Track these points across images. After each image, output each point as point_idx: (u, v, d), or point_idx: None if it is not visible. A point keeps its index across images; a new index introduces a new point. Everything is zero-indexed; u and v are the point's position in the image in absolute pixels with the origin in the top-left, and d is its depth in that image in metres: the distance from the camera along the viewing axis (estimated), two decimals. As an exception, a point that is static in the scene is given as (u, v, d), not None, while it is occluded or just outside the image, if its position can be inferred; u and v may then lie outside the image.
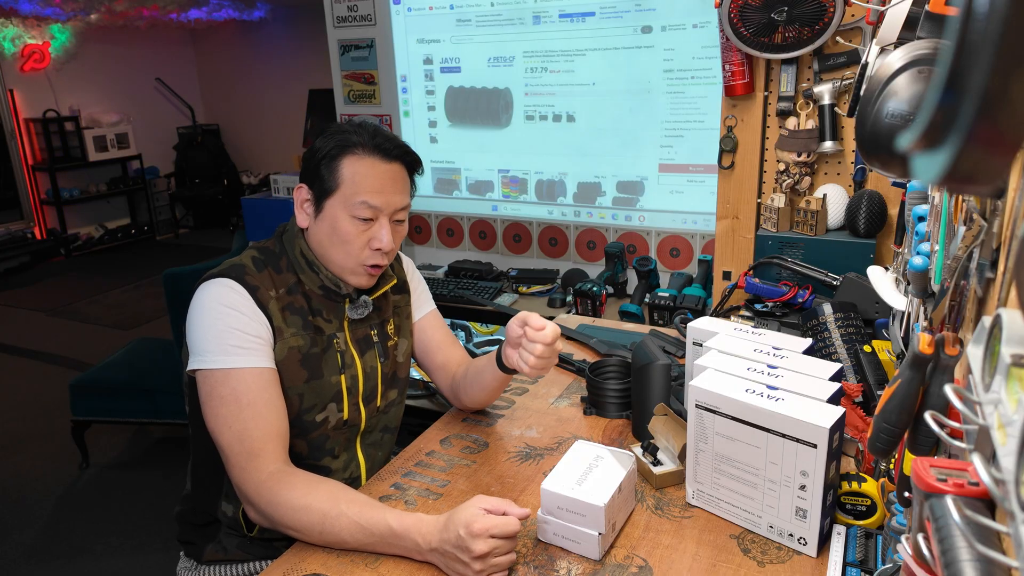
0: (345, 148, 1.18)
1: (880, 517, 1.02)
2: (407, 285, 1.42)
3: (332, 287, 1.23)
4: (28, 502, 2.79)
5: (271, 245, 1.26)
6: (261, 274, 1.19)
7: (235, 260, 1.21)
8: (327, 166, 1.18)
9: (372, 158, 1.19)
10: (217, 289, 1.15)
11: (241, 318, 1.14)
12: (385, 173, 1.20)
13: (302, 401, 1.21)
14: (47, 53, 6.27)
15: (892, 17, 0.95)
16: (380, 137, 1.21)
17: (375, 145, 1.19)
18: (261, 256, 1.22)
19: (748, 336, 1.22)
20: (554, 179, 2.73)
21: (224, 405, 1.11)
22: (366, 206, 1.18)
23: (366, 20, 2.84)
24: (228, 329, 1.13)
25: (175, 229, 7.32)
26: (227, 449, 1.12)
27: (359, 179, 1.18)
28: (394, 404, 1.37)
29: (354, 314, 1.27)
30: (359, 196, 1.18)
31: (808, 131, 1.81)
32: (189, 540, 1.31)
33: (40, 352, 4.36)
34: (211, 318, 1.13)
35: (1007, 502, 0.40)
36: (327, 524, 1.03)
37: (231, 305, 1.14)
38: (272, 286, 1.19)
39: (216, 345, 1.12)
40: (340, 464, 1.29)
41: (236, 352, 1.12)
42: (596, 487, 1.02)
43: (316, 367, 1.22)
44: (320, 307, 1.24)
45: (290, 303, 1.21)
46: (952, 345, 0.66)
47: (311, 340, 1.21)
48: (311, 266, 1.22)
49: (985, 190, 0.37)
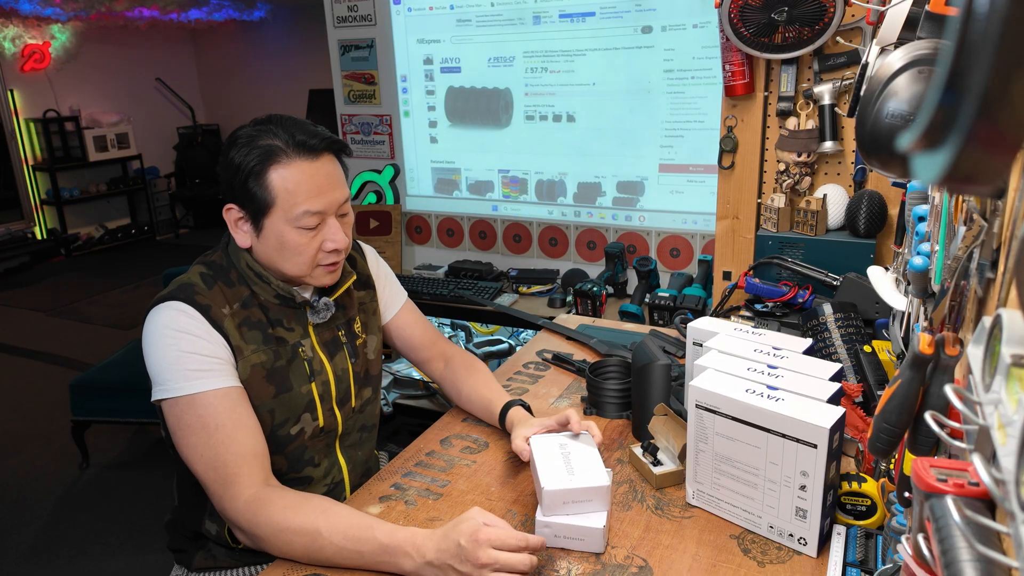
0: (268, 158, 1.09)
1: (880, 517, 1.02)
2: (371, 280, 1.37)
3: (287, 296, 1.18)
4: (28, 502, 2.79)
5: (218, 258, 1.19)
6: (212, 291, 1.13)
7: (183, 279, 1.15)
8: (255, 182, 1.10)
9: (300, 161, 1.10)
10: (167, 314, 1.10)
11: (197, 341, 1.08)
12: (318, 172, 1.12)
13: (274, 417, 1.16)
14: (47, 53, 6.27)
15: (892, 17, 0.95)
16: (300, 132, 1.11)
17: (297, 144, 1.10)
18: (210, 271, 1.16)
19: (748, 336, 1.22)
20: (554, 179, 2.73)
21: (192, 433, 1.07)
22: (309, 214, 1.11)
23: (366, 20, 2.84)
24: (184, 354, 1.07)
25: (175, 229, 7.32)
26: (203, 477, 1.08)
27: (293, 188, 1.10)
28: (370, 402, 1.34)
29: (317, 319, 1.22)
30: (299, 207, 1.10)
31: (808, 131, 1.81)
32: (179, 548, 1.30)
33: (40, 352, 4.36)
34: (165, 345, 1.08)
35: (1007, 502, 0.40)
36: (314, 547, 1.00)
37: (183, 329, 1.08)
38: (225, 302, 1.13)
39: (175, 372, 1.07)
40: (321, 472, 1.26)
41: (196, 376, 1.07)
42: (587, 470, 1.04)
43: (283, 380, 1.17)
44: (279, 316, 1.19)
45: (246, 318, 1.15)
46: (952, 345, 0.66)
47: (274, 353, 1.16)
48: (261, 277, 1.16)
49: (985, 190, 0.37)
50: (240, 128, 1.15)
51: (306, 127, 1.13)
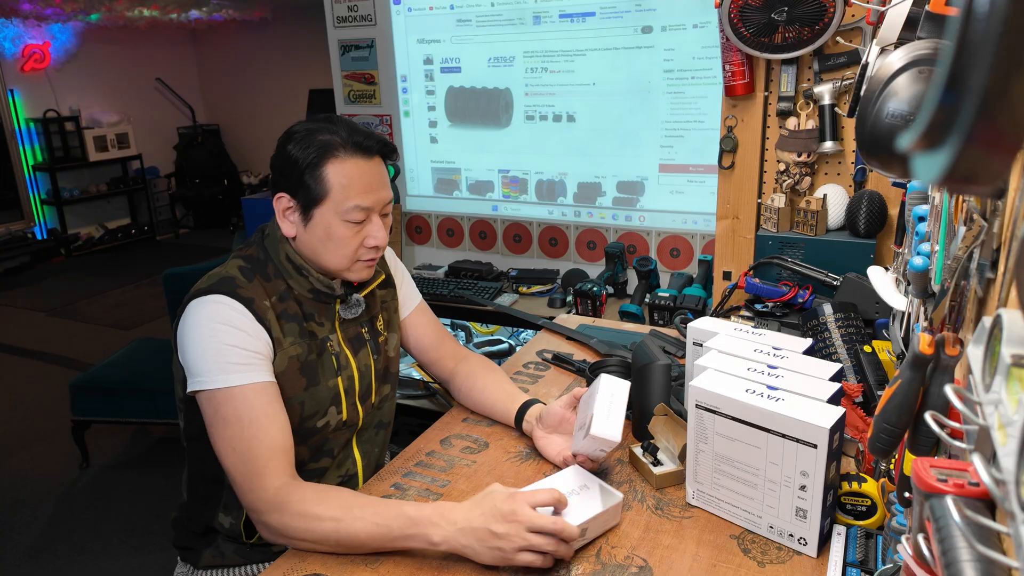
0: (326, 153, 1.14)
1: (880, 517, 1.02)
2: (392, 279, 1.41)
3: (324, 289, 1.22)
4: (28, 502, 2.79)
5: (255, 252, 1.22)
6: (252, 284, 1.16)
7: (222, 272, 1.17)
8: (311, 174, 1.14)
9: (355, 159, 1.16)
10: (211, 307, 1.12)
11: (238, 334, 1.11)
12: (370, 171, 1.18)
13: (303, 409, 1.20)
14: (47, 53, 6.27)
15: (892, 17, 0.95)
16: (357, 134, 1.17)
17: (355, 144, 1.16)
18: (248, 264, 1.19)
19: (748, 336, 1.22)
20: (554, 179, 2.73)
21: (228, 426, 1.09)
22: (359, 209, 1.16)
23: (366, 20, 2.84)
24: (226, 347, 1.10)
25: (175, 229, 7.32)
26: (232, 470, 1.10)
27: (348, 183, 1.15)
28: (387, 399, 1.37)
29: (347, 314, 1.26)
30: (351, 201, 1.15)
31: (808, 131, 1.81)
32: (186, 546, 1.30)
33: (40, 352, 4.36)
34: (207, 337, 1.11)
35: (1007, 502, 0.40)
36: (342, 528, 1.00)
37: (227, 322, 1.11)
38: (265, 295, 1.17)
39: (215, 364, 1.10)
40: (337, 463, 1.29)
41: (236, 369, 1.10)
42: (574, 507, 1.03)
43: (314, 373, 1.21)
44: (312, 311, 1.23)
45: (284, 310, 1.19)
46: (952, 345, 0.66)
47: (307, 347, 1.20)
48: (299, 270, 1.20)
49: (985, 190, 0.37)
50: (297, 124, 1.20)
51: (362, 129, 1.20)
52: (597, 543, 1.03)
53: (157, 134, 7.19)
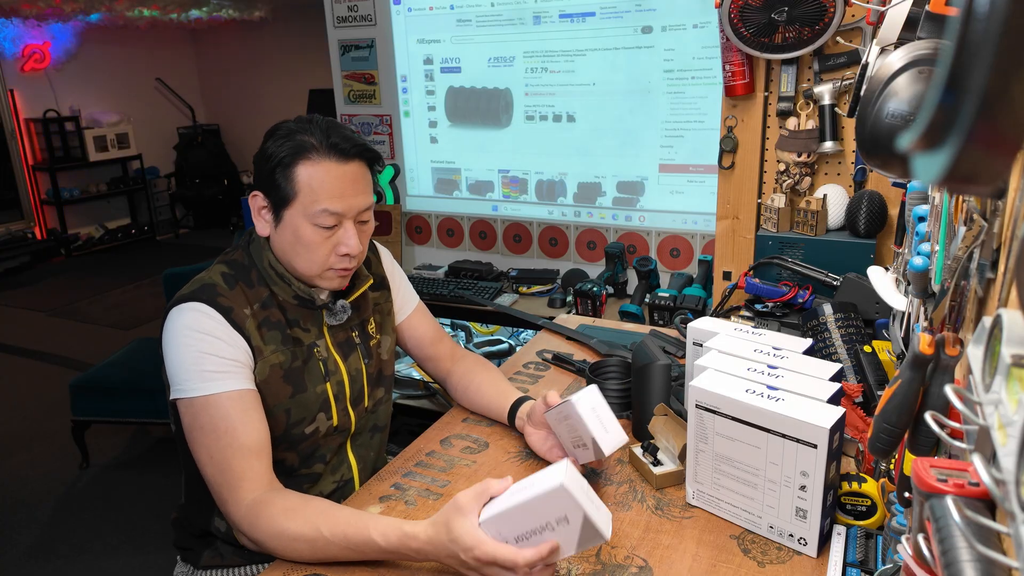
0: (299, 153, 1.11)
1: (880, 517, 1.02)
2: (386, 281, 1.39)
3: (306, 298, 1.19)
4: (28, 502, 2.79)
5: (239, 257, 1.20)
6: (233, 291, 1.14)
7: (204, 278, 1.15)
8: (282, 173, 1.12)
9: (328, 161, 1.12)
10: (189, 315, 1.11)
11: (216, 343, 1.10)
12: (344, 176, 1.13)
13: (290, 416, 1.18)
14: (47, 53, 6.27)
15: (892, 17, 0.95)
16: (335, 135, 1.13)
17: (330, 146, 1.12)
18: (231, 271, 1.17)
19: (748, 336, 1.22)
20: (554, 179, 2.73)
21: (205, 434, 1.09)
22: (327, 213, 1.12)
23: (366, 20, 2.84)
24: (203, 355, 1.09)
25: (175, 229, 7.32)
26: (210, 479, 1.10)
27: (317, 186, 1.11)
28: (382, 402, 1.36)
29: (333, 320, 1.24)
30: (319, 204, 1.11)
31: (808, 131, 1.81)
32: (186, 546, 1.30)
33: (40, 352, 4.36)
34: (185, 345, 1.09)
35: (1007, 502, 0.40)
36: (318, 550, 1.00)
37: (204, 331, 1.10)
38: (246, 303, 1.15)
39: (192, 373, 1.09)
40: (331, 469, 1.27)
41: (213, 378, 1.09)
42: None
43: (299, 380, 1.19)
44: (296, 317, 1.20)
45: (266, 318, 1.16)
46: (952, 345, 0.66)
47: (291, 354, 1.18)
48: (282, 277, 1.18)
49: (985, 190, 0.37)
50: (284, 122, 1.17)
51: (344, 132, 1.15)
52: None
53: (157, 134, 7.19)
